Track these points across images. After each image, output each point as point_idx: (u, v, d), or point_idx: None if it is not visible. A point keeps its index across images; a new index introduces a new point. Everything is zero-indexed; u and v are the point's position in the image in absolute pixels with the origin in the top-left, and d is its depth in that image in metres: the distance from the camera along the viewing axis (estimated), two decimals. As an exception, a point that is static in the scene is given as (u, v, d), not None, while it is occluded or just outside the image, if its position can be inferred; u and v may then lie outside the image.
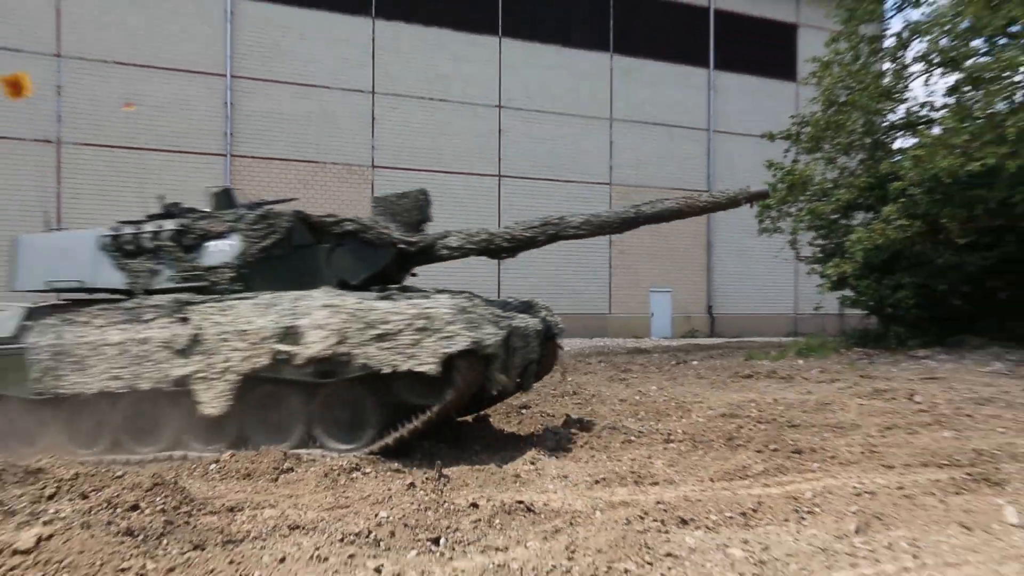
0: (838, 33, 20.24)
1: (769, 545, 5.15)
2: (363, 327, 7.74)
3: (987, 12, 16.49)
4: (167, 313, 8.32)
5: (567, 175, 25.14)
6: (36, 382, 8.23)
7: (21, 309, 8.77)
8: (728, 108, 27.59)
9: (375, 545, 5.01)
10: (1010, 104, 17.51)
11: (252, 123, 21.54)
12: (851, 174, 19.88)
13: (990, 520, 5.89)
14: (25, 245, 9.16)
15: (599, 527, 5.39)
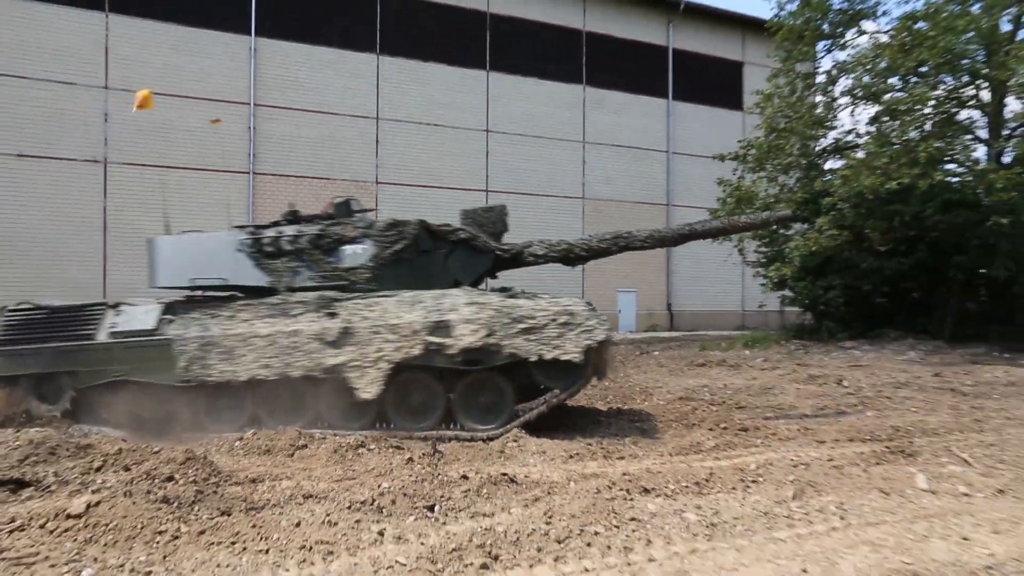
0: (777, 70, 20.38)
1: (719, 510, 5.24)
2: (510, 321, 7.92)
3: (901, 55, 16.66)
4: (314, 308, 8.24)
5: (546, 191, 25.17)
6: (184, 370, 8.03)
7: (158, 304, 8.54)
8: (685, 133, 27.67)
9: (378, 512, 5.07)
10: (921, 132, 17.67)
11: (272, 145, 21.48)
12: (789, 191, 20.01)
13: (904, 486, 5.99)
14: (163, 246, 8.83)
15: (573, 495, 5.45)
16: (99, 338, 8.23)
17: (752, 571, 4.16)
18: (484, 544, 4.42)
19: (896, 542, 4.67)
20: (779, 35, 20.13)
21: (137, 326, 8.26)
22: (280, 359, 7.97)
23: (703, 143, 26.29)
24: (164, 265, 8.76)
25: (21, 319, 8.52)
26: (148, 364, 8.09)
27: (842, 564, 4.27)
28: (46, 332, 8.35)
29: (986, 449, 7.40)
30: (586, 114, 26.17)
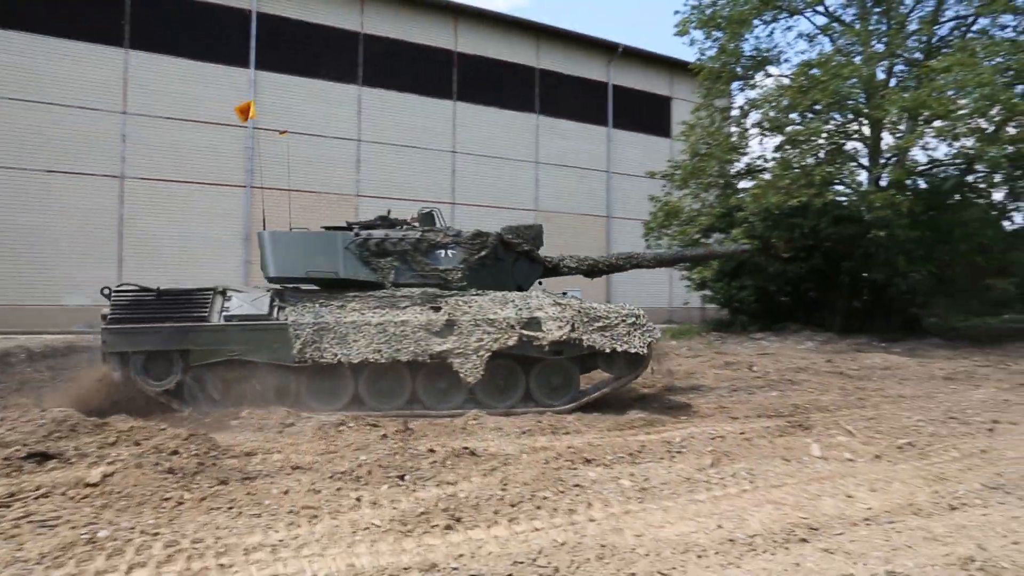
0: (700, 105, 20.56)
1: (649, 476, 5.28)
2: (588, 320, 8.30)
3: (800, 95, 16.92)
4: (419, 302, 8.31)
5: (504, 204, 25.11)
6: (299, 352, 7.86)
7: (267, 293, 8.33)
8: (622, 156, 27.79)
9: (356, 481, 5.02)
10: (816, 159, 17.99)
11: (269, 163, 21.15)
12: (709, 206, 20.19)
13: (802, 454, 6.09)
14: (274, 240, 8.59)
15: (525, 466, 5.44)
16: (214, 320, 7.94)
17: (676, 528, 4.20)
18: (448, 508, 4.40)
19: (795, 500, 4.74)
20: (701, 75, 20.32)
21: (251, 311, 8.05)
22: (390, 345, 7.98)
23: (637, 164, 26.40)
24: (279, 257, 8.50)
25: (130, 299, 7.99)
26: (263, 346, 7.90)
27: (751, 520, 4.33)
28: (158, 312, 7.89)
29: (867, 422, 7.55)
30: (539, 139, 26.18)
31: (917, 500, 4.77)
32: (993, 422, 7.53)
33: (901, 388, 10.42)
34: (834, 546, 3.87)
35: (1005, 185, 19.72)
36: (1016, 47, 16.01)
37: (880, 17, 19.32)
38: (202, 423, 7.31)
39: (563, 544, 3.87)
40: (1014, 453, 6.13)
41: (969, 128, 16.34)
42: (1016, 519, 4.32)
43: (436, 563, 3.61)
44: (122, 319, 7.79)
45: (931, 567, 3.53)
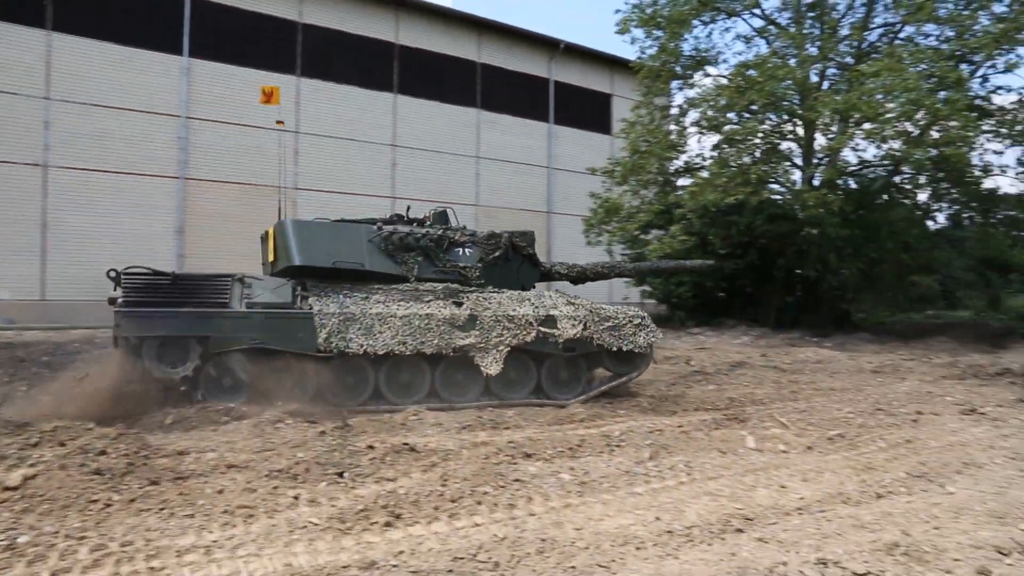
0: (640, 103, 20.81)
1: (589, 470, 5.32)
2: (599, 320, 8.80)
3: (737, 95, 17.31)
4: (442, 297, 8.48)
5: (444, 198, 24.91)
6: (324, 341, 7.74)
7: (289, 282, 8.19)
8: (563, 152, 27.95)
9: (294, 479, 4.94)
10: (752, 158, 18.42)
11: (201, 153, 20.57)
12: (648, 203, 20.47)
13: (737, 446, 6.23)
14: (298, 229, 8.44)
15: (465, 461, 5.44)
16: (235, 307, 7.72)
17: (615, 520, 4.24)
18: (388, 505, 4.36)
19: (731, 492, 4.84)
20: (641, 74, 20.58)
21: (274, 299, 7.94)
22: (414, 338, 8.06)
23: (578, 161, 26.59)
24: (305, 246, 8.29)
25: (144, 283, 7.59)
26: (287, 334, 7.74)
27: (688, 512, 4.40)
28: (175, 297, 7.55)
29: (799, 415, 7.78)
30: (480, 133, 26.13)
31: (846, 489, 4.94)
32: (917, 413, 7.84)
33: (832, 381, 10.75)
34: (768, 535, 3.97)
35: (929, 187, 20.62)
36: (939, 55, 16.69)
37: (814, 21, 19.91)
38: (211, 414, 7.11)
39: (503, 539, 3.88)
40: (936, 443, 6.39)
41: (896, 131, 16.97)
42: (937, 505, 4.51)
43: (375, 561, 3.57)
44: (137, 303, 7.40)
45: (859, 553, 3.65)
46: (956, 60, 17.42)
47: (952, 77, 16.10)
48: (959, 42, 17.41)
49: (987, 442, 6.39)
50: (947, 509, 4.42)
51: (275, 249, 8.65)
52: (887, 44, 19.28)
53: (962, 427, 7.14)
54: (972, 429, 7.03)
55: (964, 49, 17.36)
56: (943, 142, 16.32)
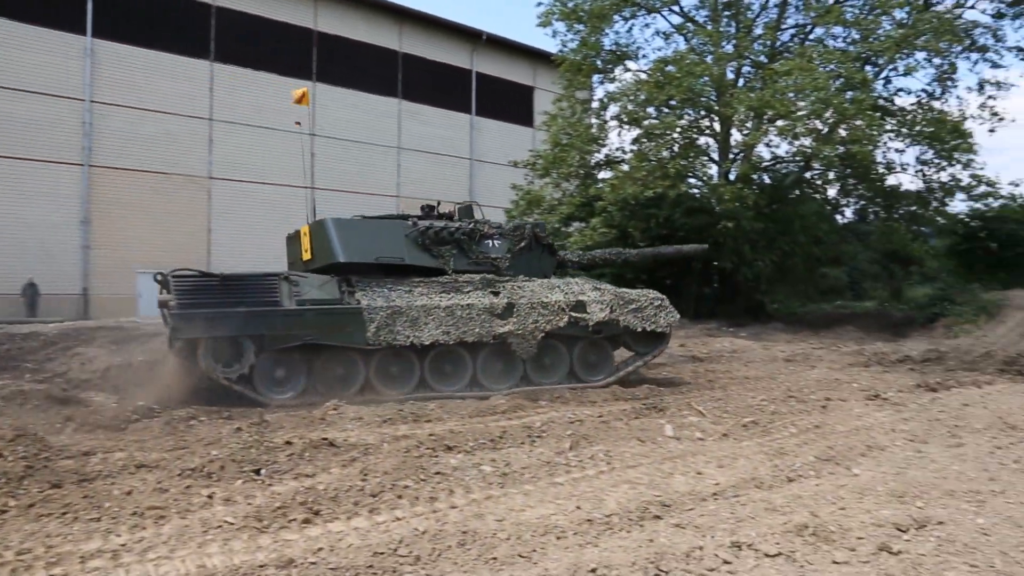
0: (561, 96, 21.02)
1: (510, 462, 5.34)
2: (624, 303, 9.30)
3: (656, 90, 17.67)
4: (480, 287, 8.82)
5: (365, 189, 24.64)
6: (373, 335, 7.99)
7: (332, 278, 8.35)
8: (485, 144, 27.98)
9: (208, 477, 4.79)
10: (671, 152, 18.84)
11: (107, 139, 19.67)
12: (570, 195, 20.69)
13: (656, 435, 6.36)
14: (339, 226, 8.62)
15: (386, 455, 5.38)
16: (286, 304, 7.86)
17: (537, 511, 4.27)
18: (306, 502, 4.27)
19: (649, 480, 4.94)
20: (563, 67, 20.77)
21: (323, 295, 8.11)
22: (457, 327, 8.41)
23: (500, 152, 26.68)
24: (349, 243, 8.52)
25: (194, 284, 7.72)
26: (337, 329, 7.95)
27: (608, 500, 4.47)
28: (226, 297, 7.65)
29: (716, 403, 8.01)
30: (401, 124, 25.89)
31: (760, 474, 5.11)
32: (826, 399, 8.19)
33: (747, 370, 11.12)
34: (685, 521, 4.08)
35: (837, 182, 21.58)
36: (846, 56, 17.46)
37: (729, 20, 20.52)
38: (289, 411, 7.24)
39: (424, 533, 3.86)
40: (843, 427, 6.69)
41: (807, 128, 17.68)
42: (843, 487, 4.72)
43: (293, 559, 3.49)
44: (191, 305, 7.48)
45: (771, 535, 3.79)
46: (862, 62, 18.27)
47: (858, 78, 16.87)
48: (864, 45, 18.25)
49: (889, 426, 6.72)
50: (852, 490, 4.63)
51: (312, 247, 8.89)
52: (798, 44, 20.05)
53: (867, 412, 7.49)
54: (876, 414, 7.39)
55: (869, 52, 18.22)
56: (850, 140, 17.08)
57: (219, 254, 21.03)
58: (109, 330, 13.16)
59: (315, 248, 8.81)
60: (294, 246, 9.50)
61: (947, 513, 4.10)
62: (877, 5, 18.29)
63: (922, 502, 4.33)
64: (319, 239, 8.71)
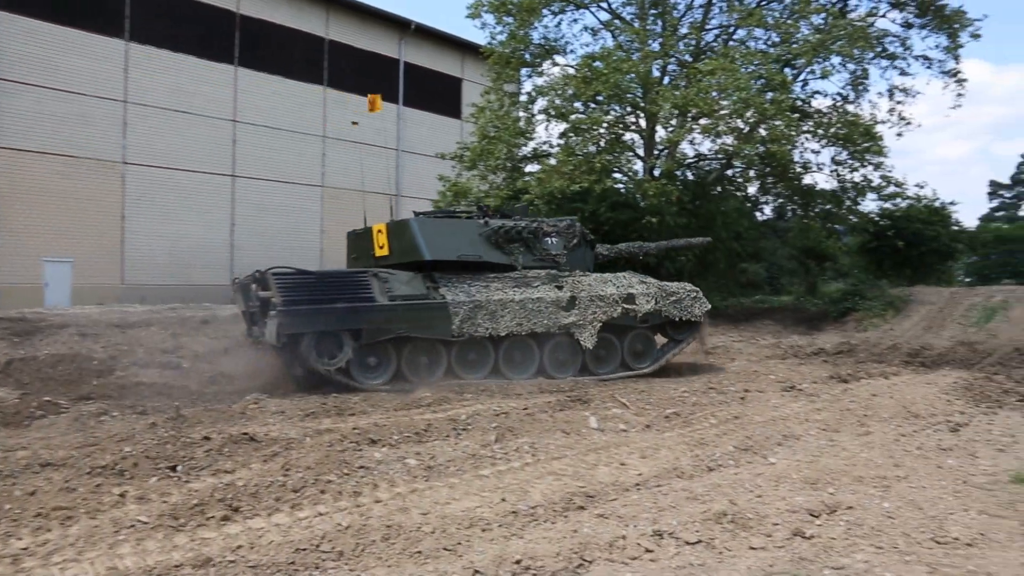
0: (489, 88, 20.95)
1: (435, 454, 5.34)
2: (665, 295, 10.22)
3: (583, 86, 17.81)
4: (547, 282, 9.67)
5: (289, 178, 24.08)
6: (457, 327, 8.76)
7: (417, 275, 9.02)
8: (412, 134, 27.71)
9: (120, 475, 4.62)
10: (598, 147, 19.06)
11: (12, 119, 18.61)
12: (497, 187, 20.68)
13: (580, 427, 6.45)
14: (424, 226, 9.31)
15: (309, 449, 5.30)
16: (380, 300, 8.50)
17: (462, 503, 4.28)
18: (225, 498, 4.16)
19: (573, 471, 5.01)
20: (491, 59, 20.71)
21: (411, 291, 8.79)
22: (528, 319, 9.23)
23: (428, 144, 26.45)
24: (432, 242, 9.20)
25: (296, 282, 8.34)
26: (424, 322, 8.68)
27: (533, 492, 4.51)
28: (326, 294, 8.31)
29: (639, 395, 8.18)
30: (327, 112, 25.37)
31: (681, 464, 5.24)
32: (745, 391, 8.46)
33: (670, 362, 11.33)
34: (609, 511, 4.15)
35: (757, 180, 22.25)
36: (767, 58, 17.99)
37: (656, 19, 20.84)
38: None
39: (348, 527, 3.81)
40: (760, 418, 6.92)
41: (729, 127, 18.15)
42: (760, 475, 4.89)
43: (211, 557, 3.40)
44: (295, 301, 8.03)
45: (691, 523, 3.89)
46: (781, 64, 18.86)
47: (778, 80, 17.41)
48: (784, 47, 18.84)
49: (804, 416, 6.99)
50: (769, 478, 4.80)
51: (390, 244, 9.52)
52: (722, 45, 20.53)
53: (783, 403, 7.77)
54: (791, 404, 7.67)
55: (788, 54, 18.81)
56: (769, 139, 17.61)
57: (134, 242, 20.22)
58: (12, 321, 12.51)
59: (395, 245, 9.46)
60: (362, 242, 10.12)
61: (856, 498, 4.29)
62: (796, 10, 18.92)
63: (833, 488, 4.52)
64: (401, 237, 9.37)
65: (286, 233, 23.40)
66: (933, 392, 7.93)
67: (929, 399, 7.59)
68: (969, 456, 5.42)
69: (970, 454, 5.48)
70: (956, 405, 7.39)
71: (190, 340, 11.51)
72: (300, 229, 24.15)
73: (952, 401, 7.56)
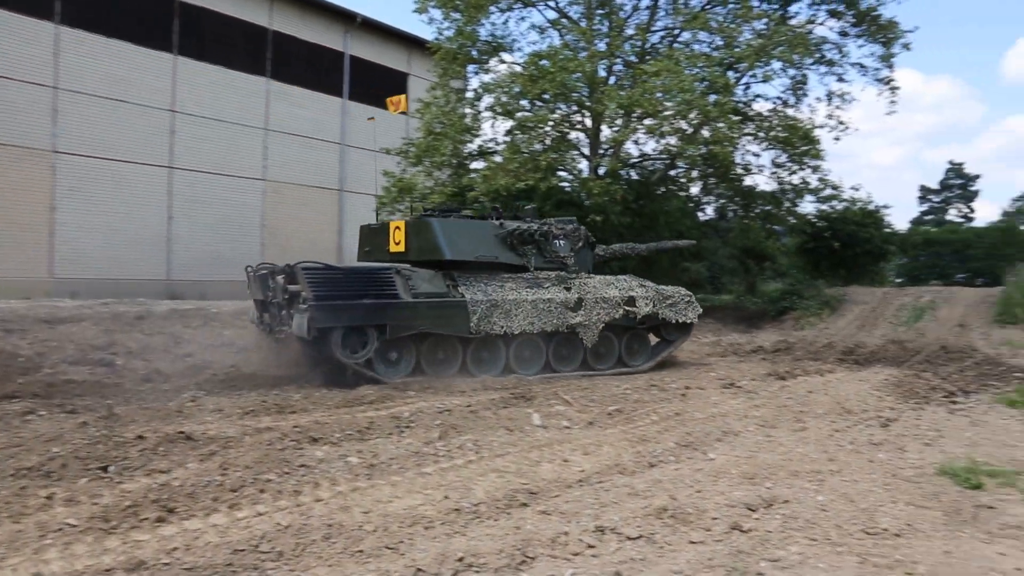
0: (436, 84, 20.87)
1: (378, 452, 5.29)
2: (662, 298, 10.87)
3: (530, 84, 17.86)
4: (556, 283, 10.17)
5: (228, 171, 23.53)
6: (475, 325, 9.15)
7: (437, 273, 9.35)
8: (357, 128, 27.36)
9: (47, 476, 4.46)
10: (543, 146, 19.15)
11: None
12: (442, 184, 20.60)
13: (524, 424, 6.48)
14: (444, 227, 9.60)
15: (248, 448, 5.19)
16: (404, 297, 8.81)
17: (404, 502, 4.25)
18: (160, 499, 4.05)
19: (517, 468, 5.03)
20: (437, 55, 20.62)
21: (432, 288, 9.12)
22: (540, 319, 9.68)
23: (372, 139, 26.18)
24: (453, 242, 9.59)
25: (325, 277, 8.51)
26: (444, 319, 9.05)
27: (476, 489, 4.51)
28: (354, 290, 8.53)
29: (582, 392, 8.25)
30: (270, 104, 24.86)
31: (623, 460, 5.31)
32: (686, 388, 8.62)
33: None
34: (551, 508, 4.18)
35: (700, 181, 22.65)
36: (710, 61, 18.33)
37: (603, 19, 21.03)
38: None
39: (288, 527, 3.75)
40: (700, 414, 7.06)
41: (673, 128, 18.42)
42: (700, 471, 4.99)
43: (144, 560, 3.31)
44: (326, 296, 8.26)
45: (633, 519, 3.95)
46: (724, 67, 19.22)
47: (721, 82, 17.74)
48: (727, 51, 19.21)
49: (742, 412, 7.16)
50: (708, 474, 4.90)
51: (408, 242, 9.80)
52: (667, 47, 20.81)
53: (722, 399, 7.94)
54: (730, 401, 7.84)
55: (731, 57, 19.19)
56: (712, 141, 17.93)
57: (64, 235, 19.50)
58: (-70, 316, 11.94)
59: (413, 243, 9.75)
60: (377, 237, 10.45)
61: (792, 492, 4.42)
62: (739, 15, 19.30)
63: (770, 483, 4.64)
64: (421, 236, 9.68)
65: (225, 227, 22.88)
66: (865, 389, 8.21)
67: (861, 395, 7.86)
68: (898, 450, 5.63)
69: (899, 448, 5.69)
70: (887, 401, 7.67)
71: (124, 336, 11.16)
72: (240, 223, 23.62)
73: (883, 397, 7.84)
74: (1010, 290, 18.15)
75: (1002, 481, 4.75)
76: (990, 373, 10.18)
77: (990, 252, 35.86)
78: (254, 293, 9.95)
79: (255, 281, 9.82)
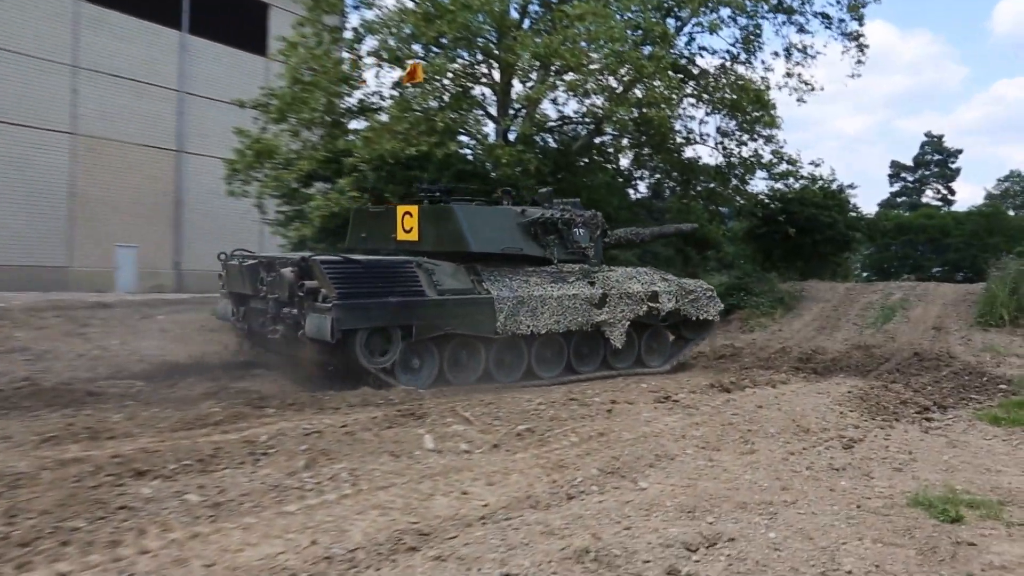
0: (304, 18, 20.42)
1: (225, 487, 5.15)
2: (684, 293, 11.98)
3: (424, 24, 17.75)
4: (580, 277, 11.07)
5: (23, 120, 22.42)
6: (502, 324, 9.75)
7: (460, 266, 9.99)
8: (200, 72, 26.45)
9: None
10: (440, 103, 19.06)
11: None
12: (312, 147, 20.18)
13: (413, 447, 6.44)
14: (469, 215, 10.29)
15: (46, 487, 4.93)
16: (430, 294, 9.31)
17: (259, 549, 4.15)
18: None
19: (404, 503, 4.99)
20: (306, -20, 20.21)
21: (458, 284, 9.69)
22: (565, 316, 10.46)
23: (222, 86, 25.42)
24: (477, 233, 10.22)
25: (348, 272, 8.85)
26: (470, 318, 9.58)
27: (352, 531, 4.45)
28: (379, 287, 8.94)
29: (485, 408, 8.25)
30: (79, 34, 23.76)
31: (535, 491, 5.34)
32: (611, 402, 8.74)
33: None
34: (447, 552, 4.15)
35: (631, 151, 23.05)
36: (646, 3, 18.64)
37: (516, -54, 21.08)
38: None
39: (101, 588, 3.59)
40: (630, 434, 7.18)
41: (599, 85, 18.66)
42: (629, 503, 5.07)
43: None
44: (351, 295, 8.65)
45: (547, 563, 3.97)
46: (663, 13, 19.62)
47: (658, 31, 18.09)
48: (667, -7, 19.60)
49: (679, 431, 7.33)
50: (638, 507, 4.98)
51: (424, 230, 10.38)
52: (595, -16, 21.07)
53: (656, 416, 8.11)
54: (665, 418, 8.02)
55: (671, 2, 19.60)
56: (646, 102, 18.29)
57: None
58: None
59: (430, 232, 10.32)
60: (378, 222, 11.13)
61: (738, 528, 4.54)
62: (681, -53, 19.74)
63: (713, 517, 4.76)
64: (442, 224, 10.26)
65: (17, 195, 21.80)
66: (825, 403, 8.55)
67: (821, 411, 8.18)
68: (864, 476, 5.88)
69: (865, 474, 5.94)
70: (850, 418, 8.02)
71: None
72: (40, 190, 22.55)
73: (846, 413, 8.19)
74: (994, 287, 18.56)
75: (984, 513, 5.03)
76: (970, 385, 10.81)
77: (971, 241, 38.06)
78: (233, 286, 10.40)
79: (238, 272, 10.15)
